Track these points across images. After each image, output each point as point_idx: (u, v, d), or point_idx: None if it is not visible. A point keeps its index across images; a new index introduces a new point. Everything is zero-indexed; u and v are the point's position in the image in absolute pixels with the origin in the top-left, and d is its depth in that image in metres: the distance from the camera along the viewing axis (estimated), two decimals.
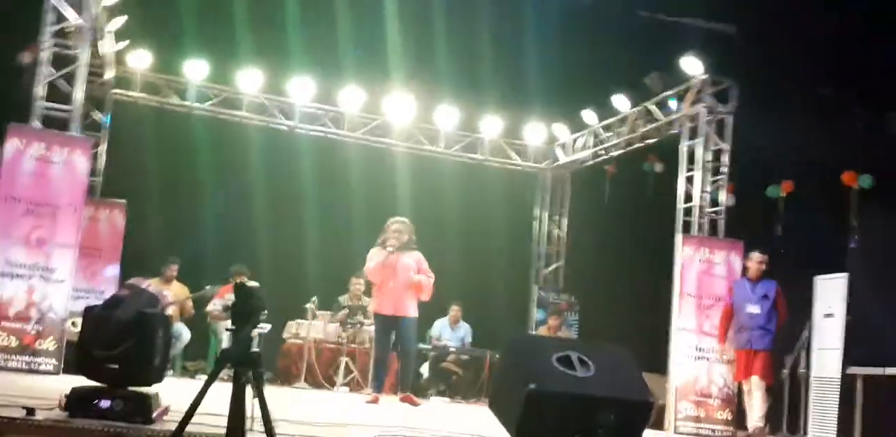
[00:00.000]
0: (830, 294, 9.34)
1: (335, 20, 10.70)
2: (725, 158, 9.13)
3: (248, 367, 2.96)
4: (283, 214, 11.37)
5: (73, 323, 6.85)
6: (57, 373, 6.84)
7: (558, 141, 12.18)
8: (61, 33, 7.91)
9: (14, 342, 6.83)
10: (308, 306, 10.05)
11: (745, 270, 8.21)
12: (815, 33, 10.38)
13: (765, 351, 7.78)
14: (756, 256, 8.03)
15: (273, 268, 10.39)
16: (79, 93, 7.75)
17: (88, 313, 4.19)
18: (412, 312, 7.80)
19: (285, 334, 10.27)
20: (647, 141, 10.63)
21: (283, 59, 10.81)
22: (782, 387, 8.30)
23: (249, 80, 10.66)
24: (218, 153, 11.17)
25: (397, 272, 7.69)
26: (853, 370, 8.01)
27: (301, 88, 10.83)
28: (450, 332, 11.00)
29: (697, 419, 8.23)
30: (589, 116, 11.29)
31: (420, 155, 11.72)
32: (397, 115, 11.25)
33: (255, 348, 3.11)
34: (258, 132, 11.23)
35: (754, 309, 7.84)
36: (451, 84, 11.42)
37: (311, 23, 10.68)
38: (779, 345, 8.21)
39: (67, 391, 3.87)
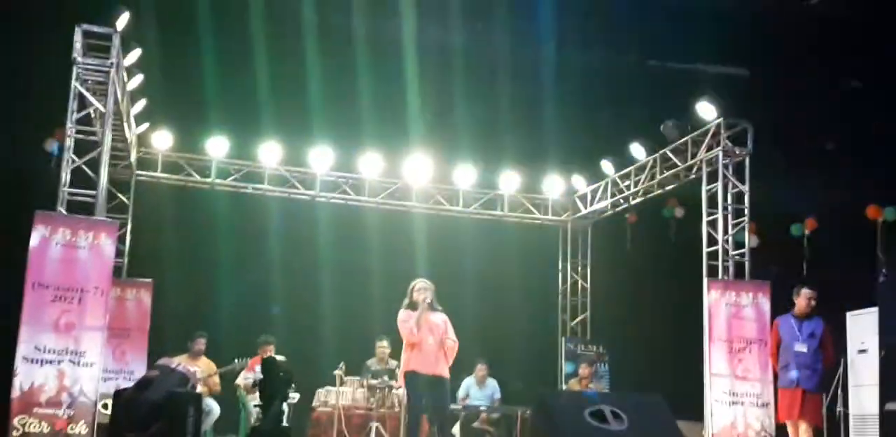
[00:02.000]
0: (863, 330, 9.22)
1: (352, 87, 10.99)
2: (746, 200, 9.13)
3: None
4: (306, 282, 11.48)
5: (105, 405, 6.89)
6: None
7: (577, 192, 12.24)
8: (85, 119, 8.13)
9: (46, 428, 6.84)
10: (336, 372, 10.04)
11: (791, 306, 8.05)
12: (827, 73, 10.51)
13: (814, 393, 7.62)
14: (805, 292, 7.85)
15: (298, 336, 10.45)
16: (103, 177, 7.92)
17: (119, 396, 4.25)
18: (447, 372, 7.79)
19: (314, 403, 10.23)
20: (666, 188, 10.67)
21: (302, 130, 11.07)
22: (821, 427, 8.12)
23: (269, 153, 10.87)
24: (240, 227, 11.36)
25: (434, 331, 7.68)
26: (891, 406, 7.82)
27: (320, 158, 11.02)
28: (478, 390, 10.91)
29: None
30: (607, 166, 11.37)
31: (439, 215, 11.82)
32: (415, 177, 11.40)
33: (285, 423, 3.13)
34: (279, 204, 11.41)
35: (801, 348, 7.68)
36: (468, 142, 11.62)
37: (329, 92, 10.97)
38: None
39: None
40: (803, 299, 7.81)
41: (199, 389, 8.70)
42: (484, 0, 10.22)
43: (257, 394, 2.98)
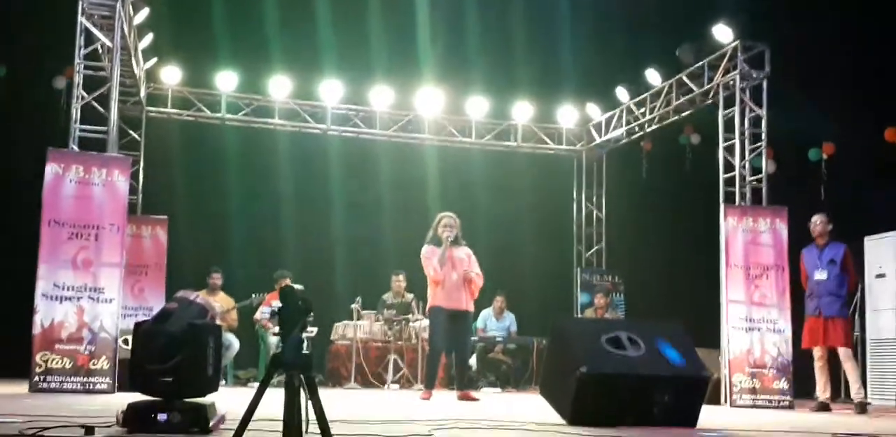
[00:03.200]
0: (881, 254, 9.19)
1: (362, 19, 10.76)
2: (763, 125, 8.98)
3: (300, 370, 2.96)
4: (320, 216, 11.48)
5: (125, 340, 6.97)
6: (112, 392, 6.94)
7: (591, 121, 12.09)
8: (93, 55, 8.02)
9: (68, 364, 6.95)
10: (353, 306, 10.12)
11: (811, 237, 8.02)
12: None
13: (838, 318, 7.62)
14: (814, 218, 7.83)
15: (314, 271, 10.49)
16: (113, 113, 7.85)
17: (138, 328, 4.25)
18: (471, 306, 7.84)
19: (333, 336, 10.36)
20: (682, 114, 10.51)
21: (312, 64, 10.91)
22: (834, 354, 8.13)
23: (279, 87, 10.75)
24: (252, 162, 11.31)
25: (457, 266, 7.71)
26: None
27: (331, 91, 10.90)
28: (495, 322, 11.01)
29: (753, 391, 8.12)
30: (621, 93, 11.20)
31: (452, 147, 11.73)
32: (427, 109, 11.27)
33: (305, 351, 3.12)
34: (290, 138, 11.33)
35: (821, 275, 7.69)
36: (480, 73, 11.43)
37: (338, 24, 10.75)
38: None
39: (124, 408, 3.93)
40: (814, 226, 7.79)
41: (219, 322, 8.82)
42: None
43: (277, 327, 2.96)
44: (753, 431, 5.00)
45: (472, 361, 10.49)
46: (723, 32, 9.10)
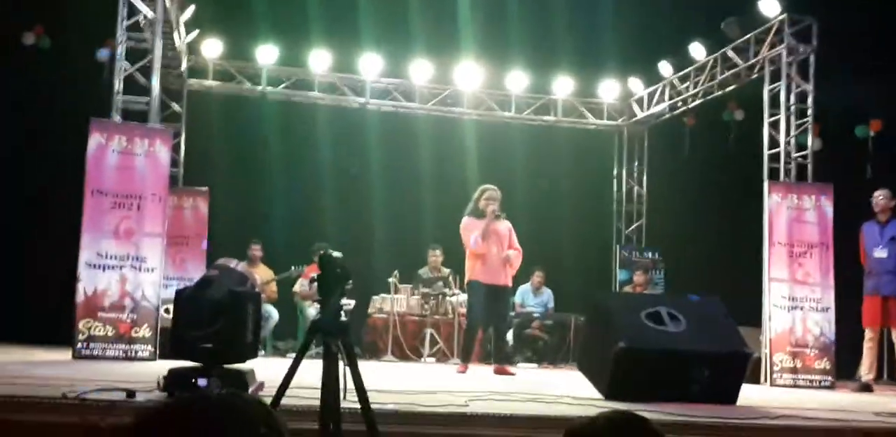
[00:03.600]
0: None
1: None
2: (810, 100, 8.80)
3: (338, 336, 2.96)
4: (358, 190, 11.49)
5: (167, 310, 7.06)
6: (153, 359, 7.02)
7: (633, 96, 11.94)
8: (135, 27, 8.07)
9: (111, 332, 7.05)
10: (390, 280, 10.16)
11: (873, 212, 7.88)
12: None
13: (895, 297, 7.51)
14: (876, 193, 7.70)
15: (353, 244, 10.51)
16: (155, 84, 7.89)
17: (180, 295, 4.29)
18: (510, 281, 7.83)
19: (370, 310, 10.42)
20: (726, 89, 10.33)
21: (352, 37, 10.85)
22: (886, 334, 7.99)
23: (319, 60, 10.74)
24: (292, 135, 11.32)
25: (500, 240, 7.67)
26: None
27: (370, 64, 10.86)
28: (533, 298, 10.98)
29: (794, 371, 8.02)
30: (664, 67, 11.03)
31: (492, 122, 11.65)
32: (467, 83, 11.19)
33: (343, 318, 3.12)
34: (330, 112, 11.32)
35: (881, 253, 7.58)
36: (519, 47, 11.29)
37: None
38: None
39: (165, 373, 3.98)
40: (877, 200, 7.62)
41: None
42: None
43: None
44: (793, 409, 4.93)
45: (509, 336, 10.50)
46: (769, 6, 8.92)
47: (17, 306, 9.26)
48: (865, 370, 7.57)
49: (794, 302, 8.12)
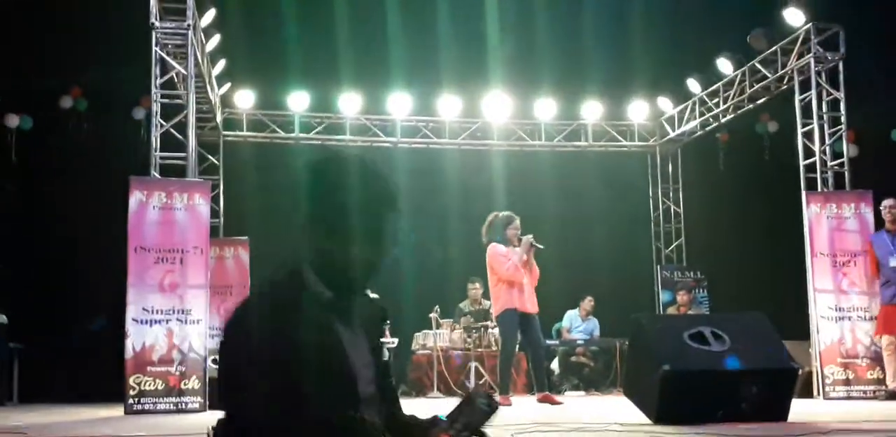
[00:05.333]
0: None
1: (429, 29, 10.81)
2: (842, 107, 8.73)
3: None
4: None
5: (213, 360, 7.15)
6: (203, 410, 7.11)
7: (664, 115, 11.92)
8: (169, 84, 8.28)
9: (161, 385, 7.16)
10: (431, 315, 10.17)
11: (882, 221, 7.80)
12: None
13: None
14: (885, 203, 7.62)
15: (391, 283, 10.57)
16: (191, 139, 8.08)
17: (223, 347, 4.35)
18: (537, 307, 7.83)
19: (413, 347, 10.43)
20: (757, 102, 10.29)
21: (380, 78, 11.01)
22: None
23: (349, 103, 10.93)
24: None
25: (530, 270, 7.70)
26: None
27: (399, 104, 11.02)
28: (580, 323, 10.91)
29: (847, 382, 7.86)
30: (693, 84, 11.01)
31: (522, 152, 11.70)
32: (495, 114, 11.28)
33: (384, 357, 3.14)
34: (362, 153, 11.43)
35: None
36: (546, 75, 11.34)
37: (405, 38, 10.84)
38: None
39: (214, 424, 4.03)
40: (886, 210, 7.53)
41: None
42: None
43: None
44: (846, 422, 4.84)
45: (555, 365, 10.43)
46: (794, 16, 8.90)
47: (68, 365, 9.44)
48: (891, 378, 7.42)
49: (842, 312, 7.99)
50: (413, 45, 10.83)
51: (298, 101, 10.87)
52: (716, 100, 10.81)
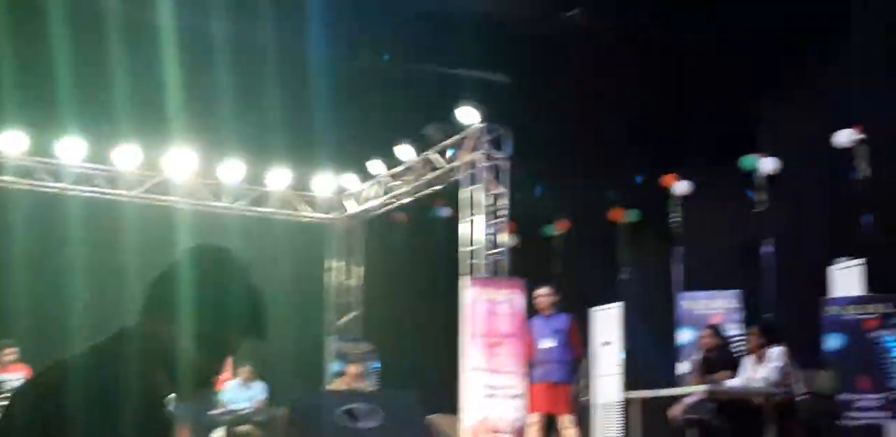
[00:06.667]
0: (606, 324, 9.92)
1: (106, 75, 10.32)
2: (503, 202, 9.54)
3: None
4: (56, 282, 10.67)
5: None
6: None
7: (348, 191, 12.27)
8: None
9: None
10: None
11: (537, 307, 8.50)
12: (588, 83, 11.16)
13: (562, 384, 8.06)
14: (537, 291, 8.36)
15: (47, 341, 9.72)
16: None
17: None
18: None
19: None
20: (432, 188, 10.94)
21: (51, 120, 10.26)
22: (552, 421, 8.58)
23: (13, 143, 10.06)
24: None
25: None
26: (631, 394, 8.47)
27: (70, 149, 10.34)
28: (241, 393, 10.65)
29: None
30: (377, 165, 11.48)
31: (205, 212, 11.43)
32: (178, 171, 10.95)
33: None
34: (26, 197, 10.55)
35: (547, 343, 8.14)
36: (234, 137, 11.24)
37: (80, 80, 10.25)
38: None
39: None
40: (538, 298, 8.31)
41: None
42: None
43: None
44: None
45: (220, 435, 10.06)
46: (468, 114, 9.67)
47: None
48: None
49: (491, 390, 8.55)
50: (87, 87, 10.27)
51: None
52: (396, 182, 11.36)
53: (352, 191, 12.19)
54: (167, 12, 9.70)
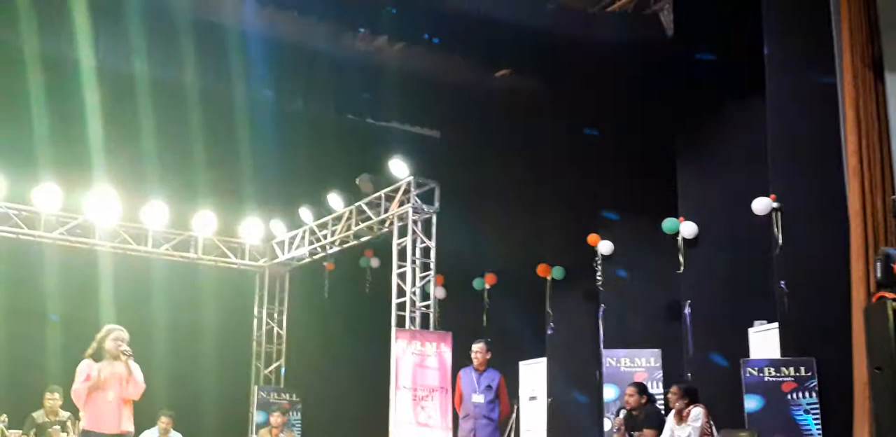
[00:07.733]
0: (533, 378, 10.04)
1: (28, 115, 10.14)
2: (432, 255, 9.64)
3: None
4: None
5: None
6: None
7: (275, 238, 12.21)
8: None
9: None
10: None
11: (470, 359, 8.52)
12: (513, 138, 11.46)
13: None
14: (474, 347, 8.36)
15: None
16: None
17: None
18: (131, 426, 7.26)
19: None
20: (362, 239, 10.98)
21: None
22: None
23: None
24: None
25: (120, 383, 7.10)
26: None
27: None
28: None
29: None
30: (305, 214, 11.48)
31: (127, 256, 11.21)
32: (100, 213, 10.74)
33: None
34: None
35: (478, 398, 8.12)
36: (159, 181, 11.11)
37: (1, 119, 10.06)
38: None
39: None
40: (473, 353, 8.35)
41: None
42: (172, 33, 9.86)
43: None
44: None
45: None
46: (399, 167, 9.84)
47: None
48: None
49: None
50: (10, 129, 10.08)
51: None
52: (325, 231, 11.37)
53: (280, 238, 12.13)
54: (92, 54, 9.62)
